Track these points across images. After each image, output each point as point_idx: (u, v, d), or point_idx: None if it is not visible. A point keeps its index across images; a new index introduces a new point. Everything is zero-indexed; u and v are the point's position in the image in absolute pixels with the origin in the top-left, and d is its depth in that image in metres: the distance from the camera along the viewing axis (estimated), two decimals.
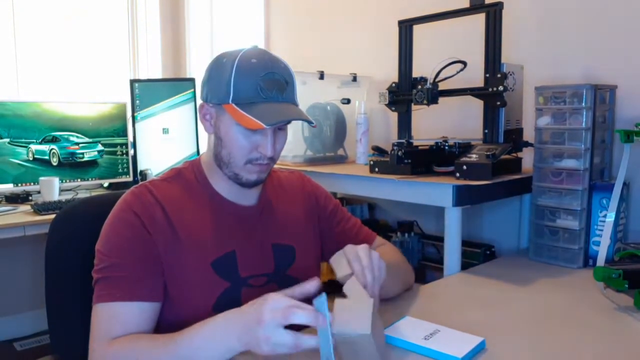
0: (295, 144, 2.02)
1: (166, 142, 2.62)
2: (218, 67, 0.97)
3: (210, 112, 0.99)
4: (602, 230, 1.31)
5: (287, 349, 0.75)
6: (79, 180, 2.48)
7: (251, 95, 0.92)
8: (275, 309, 0.75)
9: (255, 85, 0.92)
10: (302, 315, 0.74)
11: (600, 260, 1.21)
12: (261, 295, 0.80)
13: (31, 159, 2.36)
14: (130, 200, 0.96)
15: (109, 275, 0.90)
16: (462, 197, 1.34)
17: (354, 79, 2.16)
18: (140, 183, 1.01)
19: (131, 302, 0.89)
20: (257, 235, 1.03)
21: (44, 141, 2.40)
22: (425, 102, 1.56)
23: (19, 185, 2.32)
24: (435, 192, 1.38)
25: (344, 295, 0.84)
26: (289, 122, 0.96)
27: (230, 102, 0.93)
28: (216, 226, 0.99)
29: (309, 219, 1.14)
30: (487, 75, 1.47)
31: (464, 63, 1.55)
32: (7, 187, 2.29)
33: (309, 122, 0.96)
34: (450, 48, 1.77)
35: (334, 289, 0.87)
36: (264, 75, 0.93)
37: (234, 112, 0.92)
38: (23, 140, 2.34)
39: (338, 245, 1.02)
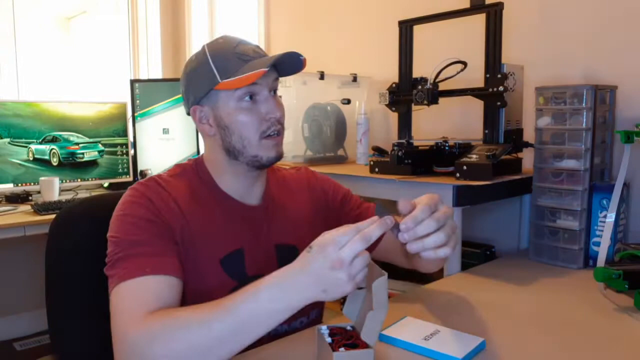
0: (295, 144, 2.02)
1: (166, 142, 2.62)
2: (192, 65, 0.97)
3: (204, 112, 0.98)
4: (602, 230, 1.31)
5: (363, 273, 0.72)
6: (79, 180, 2.48)
7: (234, 65, 0.93)
8: (342, 243, 0.72)
9: (233, 56, 0.93)
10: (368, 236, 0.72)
11: (601, 261, 1.21)
12: None
13: (31, 159, 2.36)
14: (142, 189, 0.93)
15: (131, 253, 0.84)
16: (462, 197, 1.34)
17: (354, 79, 2.16)
18: (148, 177, 0.99)
19: (162, 275, 0.83)
20: (262, 235, 1.02)
21: (44, 141, 2.40)
22: (425, 102, 1.56)
23: (19, 185, 2.32)
24: (435, 192, 1.37)
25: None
26: (284, 57, 0.93)
27: (219, 80, 0.93)
28: (224, 223, 0.98)
29: (316, 214, 1.12)
30: (488, 75, 1.47)
31: (464, 63, 1.55)
32: (7, 187, 2.29)
33: (299, 55, 0.95)
34: (450, 48, 1.77)
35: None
36: (236, 45, 0.95)
37: (227, 85, 0.92)
38: (23, 140, 2.34)
39: None
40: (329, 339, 0.78)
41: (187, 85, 0.98)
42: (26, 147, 2.35)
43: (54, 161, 2.42)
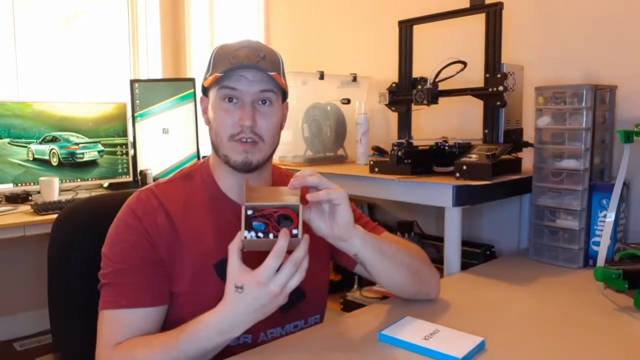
0: (295, 144, 2.02)
1: (166, 142, 2.62)
2: (208, 60, 1.02)
3: (205, 104, 1.02)
4: (602, 230, 1.31)
5: (297, 280, 0.80)
6: (79, 180, 2.49)
7: (223, 65, 0.95)
8: (270, 276, 0.79)
9: (227, 58, 0.95)
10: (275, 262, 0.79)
11: (600, 261, 1.21)
12: None
13: (31, 159, 2.36)
14: (134, 205, 0.96)
15: (114, 282, 0.92)
16: (462, 197, 1.34)
17: (354, 79, 2.16)
18: (147, 186, 1.01)
19: (136, 308, 0.90)
20: None
21: (44, 141, 2.40)
22: (425, 102, 1.56)
23: (19, 185, 2.32)
24: (435, 192, 1.38)
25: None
26: (239, 67, 0.94)
27: (208, 76, 0.97)
28: (219, 228, 0.98)
29: None
30: (487, 75, 1.47)
31: (464, 63, 1.55)
32: (7, 187, 2.29)
33: (265, 71, 0.94)
34: (450, 48, 1.77)
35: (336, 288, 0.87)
36: (237, 48, 0.97)
37: (209, 81, 0.96)
38: (23, 140, 2.34)
39: None
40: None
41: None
42: (26, 147, 2.35)
43: (54, 161, 2.42)
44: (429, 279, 1.10)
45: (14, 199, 2.26)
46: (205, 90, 1.02)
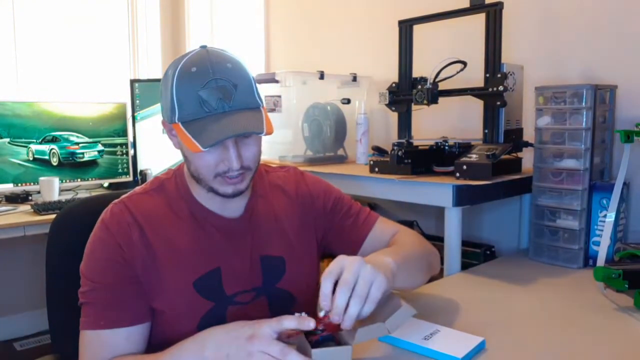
0: (295, 144, 2.02)
1: (166, 142, 2.61)
2: (164, 81, 0.91)
3: (170, 128, 0.92)
4: (602, 230, 1.31)
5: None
6: (79, 180, 2.48)
7: (195, 111, 0.85)
8: (265, 349, 0.73)
9: (196, 99, 0.85)
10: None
11: (600, 261, 1.21)
12: (248, 313, 0.80)
13: (31, 159, 2.36)
14: (108, 221, 0.93)
15: (92, 301, 0.89)
16: (462, 197, 1.34)
17: (354, 79, 2.16)
18: (121, 198, 0.96)
19: (116, 328, 0.88)
20: (244, 249, 0.98)
21: (44, 141, 2.39)
22: (425, 102, 1.56)
23: (19, 185, 2.32)
24: (435, 192, 1.38)
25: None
26: (228, 138, 0.85)
27: (176, 121, 0.87)
28: (199, 243, 0.95)
29: (303, 223, 1.07)
30: (487, 75, 1.47)
31: (464, 63, 1.55)
32: (7, 187, 2.29)
33: (256, 133, 0.86)
34: (450, 48, 1.77)
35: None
36: (204, 85, 0.85)
37: (180, 133, 0.87)
38: (23, 140, 2.34)
39: (340, 239, 1.06)
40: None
41: (160, 96, 0.94)
42: (26, 147, 2.35)
43: (54, 161, 2.42)
44: (435, 263, 1.14)
45: (14, 199, 2.26)
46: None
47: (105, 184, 2.61)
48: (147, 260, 0.91)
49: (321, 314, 0.79)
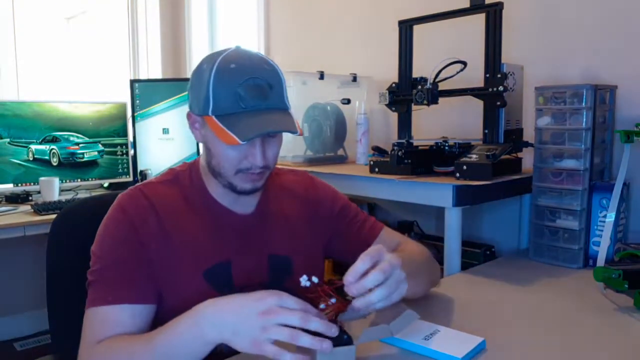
0: (295, 144, 2.02)
1: (166, 142, 2.62)
2: (199, 74, 0.92)
3: (198, 121, 0.95)
4: (602, 230, 1.31)
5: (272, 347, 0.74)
6: (79, 180, 2.48)
7: (230, 106, 0.88)
8: (284, 305, 0.76)
9: (234, 94, 0.87)
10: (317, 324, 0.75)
11: (600, 261, 1.21)
12: None
13: (31, 159, 2.36)
14: (124, 203, 0.94)
15: (101, 278, 0.89)
16: (462, 197, 1.34)
17: (354, 79, 2.16)
18: (136, 185, 0.98)
19: (123, 304, 0.87)
20: (253, 246, 1.00)
21: (44, 141, 2.40)
22: (425, 102, 1.56)
23: (19, 185, 2.32)
24: (435, 192, 1.38)
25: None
26: (267, 134, 0.90)
27: (210, 114, 0.89)
28: (212, 234, 0.97)
29: (311, 227, 1.09)
30: (487, 75, 1.47)
31: (464, 63, 1.56)
32: (7, 187, 2.29)
33: (292, 132, 0.89)
34: (450, 48, 1.77)
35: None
36: (243, 82, 0.87)
37: (213, 125, 0.88)
38: (23, 140, 2.34)
39: (345, 245, 1.08)
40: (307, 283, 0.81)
41: (190, 88, 0.96)
42: (26, 147, 2.35)
43: (54, 161, 2.42)
44: (437, 277, 1.15)
45: (14, 199, 2.26)
46: (194, 110, 0.95)
47: (105, 184, 2.62)
48: (161, 244, 0.92)
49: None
